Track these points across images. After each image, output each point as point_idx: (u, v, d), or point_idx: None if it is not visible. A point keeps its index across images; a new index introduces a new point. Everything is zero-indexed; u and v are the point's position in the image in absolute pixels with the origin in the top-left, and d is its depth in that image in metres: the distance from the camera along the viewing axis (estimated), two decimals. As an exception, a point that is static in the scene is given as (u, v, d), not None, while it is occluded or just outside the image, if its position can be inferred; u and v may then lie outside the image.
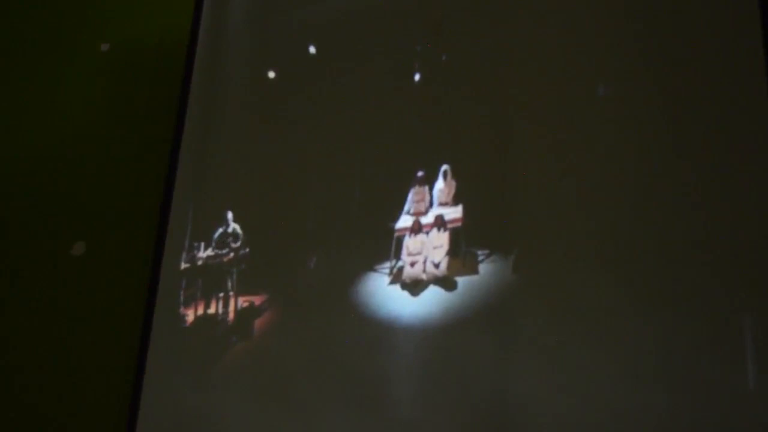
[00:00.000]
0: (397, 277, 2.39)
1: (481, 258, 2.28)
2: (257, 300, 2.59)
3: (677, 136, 2.14)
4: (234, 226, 2.72)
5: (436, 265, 2.33)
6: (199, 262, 2.74)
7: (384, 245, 2.43)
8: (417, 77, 2.61)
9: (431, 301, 2.30)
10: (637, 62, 2.26)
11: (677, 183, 2.10)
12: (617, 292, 2.08)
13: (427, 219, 2.40)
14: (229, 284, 2.65)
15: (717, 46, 2.16)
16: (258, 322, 2.56)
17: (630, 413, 1.97)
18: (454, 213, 2.36)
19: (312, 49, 2.85)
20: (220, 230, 2.74)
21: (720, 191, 2.05)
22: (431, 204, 2.41)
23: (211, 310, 2.66)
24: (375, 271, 2.42)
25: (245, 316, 2.59)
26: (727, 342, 1.91)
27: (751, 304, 1.92)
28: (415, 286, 2.35)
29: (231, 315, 2.62)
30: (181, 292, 2.73)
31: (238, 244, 2.69)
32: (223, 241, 2.72)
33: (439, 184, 2.41)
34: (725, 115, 2.09)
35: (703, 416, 1.89)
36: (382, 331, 2.33)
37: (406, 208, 2.44)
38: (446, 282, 2.30)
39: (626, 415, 1.97)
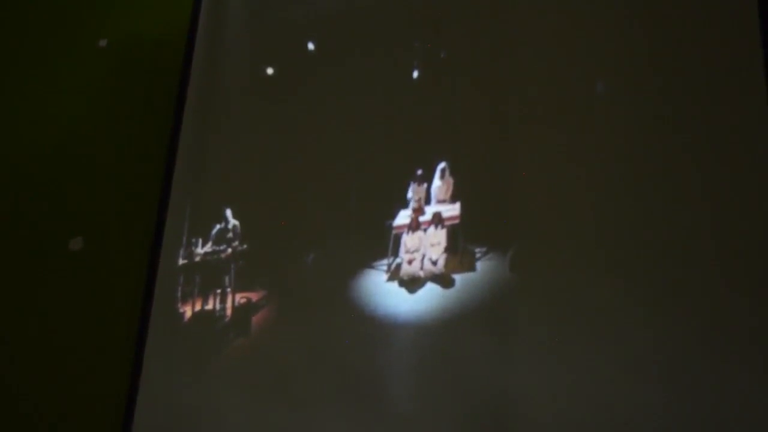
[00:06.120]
0: (394, 274, 2.39)
1: (478, 255, 2.28)
2: (255, 296, 2.59)
3: (677, 134, 2.14)
4: (233, 223, 2.72)
5: (434, 263, 2.33)
6: (197, 258, 2.73)
7: (382, 242, 2.43)
8: (416, 74, 2.61)
9: (429, 299, 2.30)
10: (637, 59, 2.26)
11: (676, 181, 2.10)
12: (615, 290, 2.08)
13: (425, 216, 2.40)
14: (227, 280, 2.65)
15: (716, 42, 2.16)
16: (255, 319, 2.56)
17: (627, 411, 1.98)
18: (451, 210, 2.36)
19: (310, 46, 2.85)
20: (219, 226, 2.74)
21: (719, 189, 2.05)
22: (429, 201, 2.41)
23: (209, 307, 2.65)
24: (373, 268, 2.42)
25: (243, 312, 2.59)
26: (727, 342, 1.92)
27: (751, 304, 1.92)
28: (412, 284, 2.35)
29: (228, 311, 2.61)
30: (179, 288, 2.73)
31: (237, 240, 2.68)
32: (221, 238, 2.72)
33: (437, 181, 2.41)
34: (725, 112, 2.10)
35: (702, 416, 1.89)
36: (379, 328, 2.33)
37: (408, 205, 2.45)
38: (444, 279, 2.30)
39: (623, 413, 1.98)
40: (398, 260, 2.40)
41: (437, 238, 2.36)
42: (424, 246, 2.37)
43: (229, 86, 2.98)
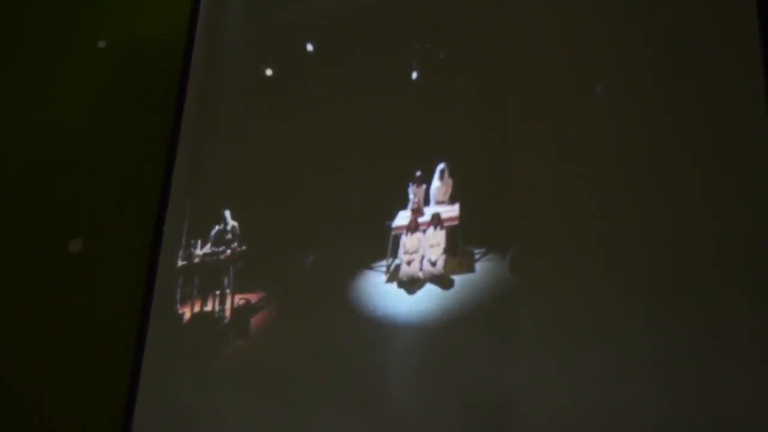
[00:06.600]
0: (393, 276, 2.39)
1: (477, 256, 2.28)
2: (254, 298, 2.59)
3: (676, 134, 2.14)
4: (232, 224, 2.72)
5: (433, 264, 2.33)
6: (196, 260, 2.74)
7: (381, 243, 2.42)
8: (414, 75, 2.61)
9: (428, 300, 2.30)
10: (636, 61, 2.26)
11: (676, 182, 2.10)
12: (614, 290, 2.08)
13: (424, 217, 2.40)
14: (226, 282, 2.65)
15: (716, 42, 2.16)
16: (254, 320, 2.56)
17: (627, 411, 1.98)
18: (450, 211, 2.36)
19: (309, 47, 2.85)
20: (218, 228, 2.74)
21: (719, 189, 2.05)
22: (428, 202, 2.41)
23: (208, 308, 2.65)
24: (372, 269, 2.42)
25: (242, 313, 2.59)
26: (727, 342, 1.92)
27: (750, 304, 1.92)
28: (411, 285, 2.35)
29: (227, 313, 2.62)
30: (178, 290, 2.73)
31: (236, 241, 2.68)
32: (220, 239, 2.72)
33: (436, 182, 2.41)
34: (725, 112, 2.10)
35: (702, 416, 1.89)
36: (378, 329, 2.33)
37: (407, 206, 2.45)
38: (443, 280, 2.30)
39: (623, 413, 1.98)
40: (397, 261, 2.40)
41: (436, 239, 2.35)
42: (423, 247, 2.37)
43: (228, 86, 2.97)
